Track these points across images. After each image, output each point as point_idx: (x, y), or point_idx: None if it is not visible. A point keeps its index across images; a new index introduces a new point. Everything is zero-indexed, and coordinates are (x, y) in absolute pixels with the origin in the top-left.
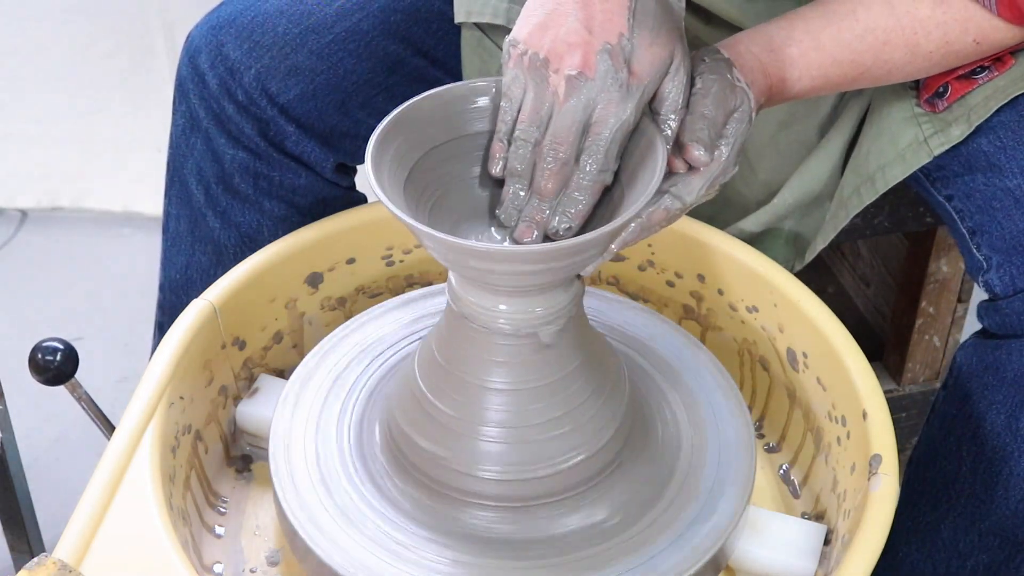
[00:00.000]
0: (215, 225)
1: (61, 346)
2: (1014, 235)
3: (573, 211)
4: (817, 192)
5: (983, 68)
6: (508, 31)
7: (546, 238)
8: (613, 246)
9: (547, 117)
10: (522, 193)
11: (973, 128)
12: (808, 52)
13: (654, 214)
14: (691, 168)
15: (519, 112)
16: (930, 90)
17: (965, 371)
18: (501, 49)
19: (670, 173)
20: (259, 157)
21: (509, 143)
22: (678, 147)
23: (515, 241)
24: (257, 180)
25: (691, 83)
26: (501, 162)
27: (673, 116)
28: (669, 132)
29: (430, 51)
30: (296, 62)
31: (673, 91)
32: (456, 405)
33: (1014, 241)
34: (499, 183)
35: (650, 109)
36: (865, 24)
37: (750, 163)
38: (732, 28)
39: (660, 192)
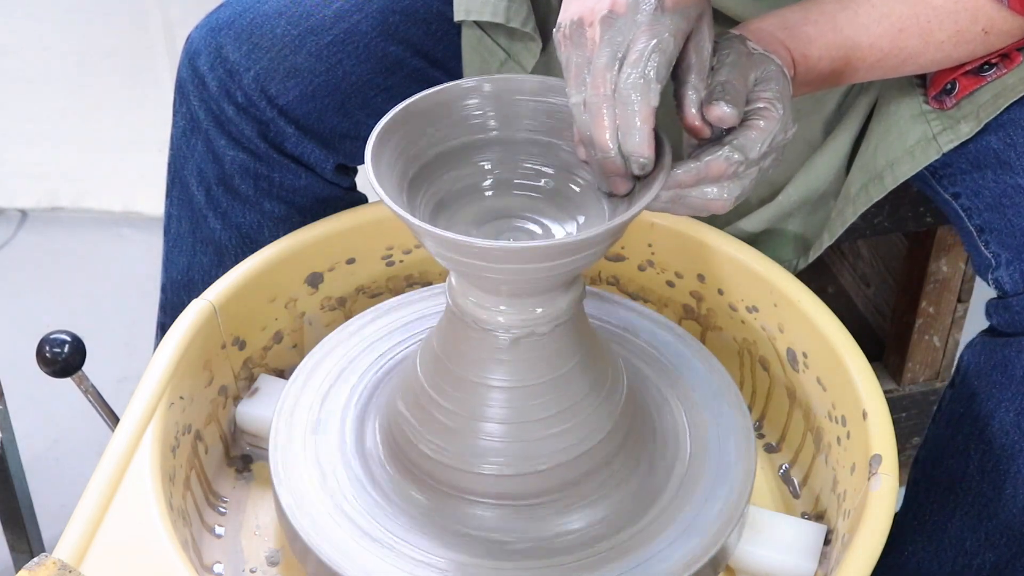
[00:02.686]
0: (216, 226)
1: (69, 338)
2: None
3: (635, 141)
4: (823, 190)
5: (991, 65)
6: (508, 30)
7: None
8: (664, 192)
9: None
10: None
11: (982, 125)
12: (826, 32)
13: (712, 163)
14: (719, 134)
15: None
16: (938, 86)
17: (973, 369)
18: (501, 47)
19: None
20: (259, 158)
21: None
22: (703, 118)
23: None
24: (257, 181)
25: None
26: (580, 145)
27: (697, 79)
28: (694, 96)
29: (429, 52)
30: (295, 63)
31: (696, 55)
32: (456, 401)
33: None
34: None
35: (673, 79)
36: (880, 10)
37: None
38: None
39: (721, 144)
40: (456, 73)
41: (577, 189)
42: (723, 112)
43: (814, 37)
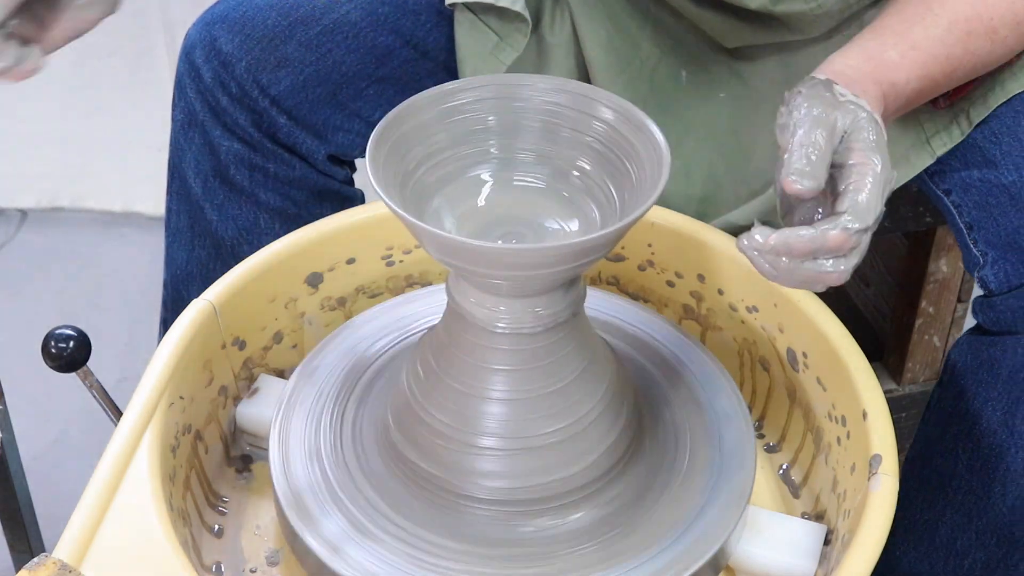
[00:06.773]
0: (213, 218)
1: (74, 333)
2: (1009, 232)
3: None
4: None
5: None
6: (498, 11)
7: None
8: (775, 258)
9: None
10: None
11: (974, 126)
12: (907, 53)
13: (830, 232)
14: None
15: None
16: None
17: (960, 368)
18: (493, 31)
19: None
20: (254, 148)
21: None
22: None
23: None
24: (252, 172)
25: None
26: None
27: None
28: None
29: (420, 42)
30: (285, 53)
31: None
32: (451, 414)
33: (1009, 238)
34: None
35: None
36: (947, 18)
37: (743, 151)
38: (727, 12)
39: (837, 215)
40: (447, 64)
41: (579, 184)
42: (799, 189)
43: (898, 61)
